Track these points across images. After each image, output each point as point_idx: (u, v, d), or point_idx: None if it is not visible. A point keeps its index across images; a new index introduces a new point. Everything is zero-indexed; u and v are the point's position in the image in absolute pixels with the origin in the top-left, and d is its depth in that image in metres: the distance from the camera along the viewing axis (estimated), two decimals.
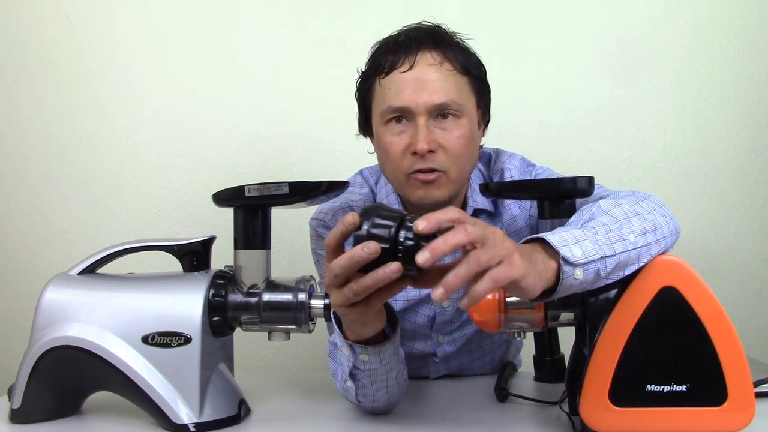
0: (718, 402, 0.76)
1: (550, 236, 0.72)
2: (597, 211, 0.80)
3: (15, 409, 0.91)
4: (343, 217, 0.67)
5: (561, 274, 0.71)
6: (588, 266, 0.72)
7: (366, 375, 0.86)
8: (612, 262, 0.74)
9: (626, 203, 0.82)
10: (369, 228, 0.65)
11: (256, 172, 1.65)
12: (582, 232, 0.74)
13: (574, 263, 0.71)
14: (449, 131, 0.97)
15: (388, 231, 0.65)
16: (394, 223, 0.66)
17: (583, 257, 0.72)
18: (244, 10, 1.67)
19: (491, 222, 1.09)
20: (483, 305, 0.81)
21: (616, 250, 0.74)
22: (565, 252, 0.71)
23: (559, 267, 0.71)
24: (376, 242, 0.64)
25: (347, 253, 0.65)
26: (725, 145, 1.65)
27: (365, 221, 0.66)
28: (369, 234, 0.65)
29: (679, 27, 1.65)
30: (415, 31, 1.01)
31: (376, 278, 0.65)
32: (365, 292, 0.67)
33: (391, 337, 0.83)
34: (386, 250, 0.64)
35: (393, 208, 0.70)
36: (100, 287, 0.92)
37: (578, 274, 0.71)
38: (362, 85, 1.05)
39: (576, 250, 0.71)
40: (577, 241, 0.72)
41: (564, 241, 0.72)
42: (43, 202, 1.67)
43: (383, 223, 0.65)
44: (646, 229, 0.78)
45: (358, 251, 0.64)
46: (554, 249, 0.71)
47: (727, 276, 1.66)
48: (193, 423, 0.86)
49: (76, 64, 1.67)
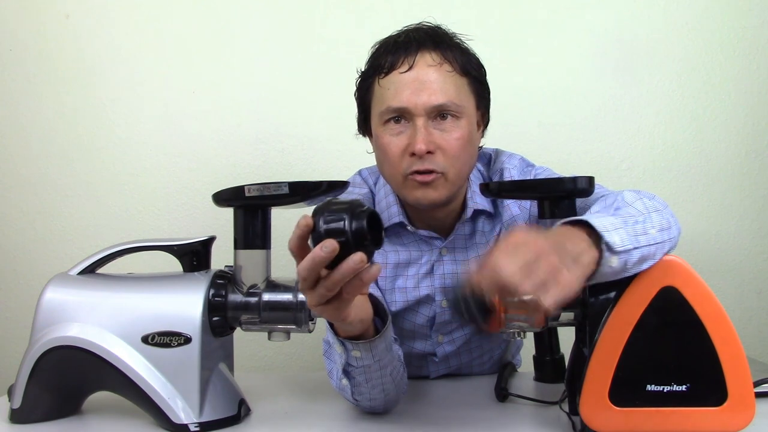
0: (718, 402, 0.77)
1: (594, 221, 0.72)
2: (621, 201, 0.80)
3: (15, 409, 0.91)
4: (299, 203, 0.68)
5: (601, 260, 0.70)
6: (622, 255, 0.72)
7: (360, 372, 0.86)
8: (637, 255, 0.74)
9: (645, 198, 0.82)
10: (323, 225, 0.66)
11: (256, 172, 1.65)
12: (616, 219, 0.74)
13: (614, 250, 0.71)
14: (448, 132, 0.97)
15: (342, 224, 0.66)
16: (345, 214, 0.66)
17: (621, 246, 0.71)
18: (244, 10, 1.67)
19: (491, 222, 1.10)
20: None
21: (641, 243, 0.74)
22: (608, 238, 0.71)
23: (601, 253, 0.70)
24: (333, 239, 0.65)
25: (309, 256, 0.66)
26: (725, 145, 1.65)
27: (319, 220, 0.66)
28: (325, 231, 0.66)
29: (679, 27, 1.65)
30: (415, 31, 1.01)
31: (342, 272, 0.66)
32: (336, 287, 0.67)
33: (382, 332, 0.83)
34: (344, 242, 0.65)
35: (343, 199, 0.70)
36: (100, 287, 0.92)
37: (614, 261, 0.71)
38: (361, 85, 1.05)
39: (615, 237, 0.71)
40: (615, 228, 0.72)
41: (605, 227, 0.71)
42: (43, 202, 1.67)
43: (335, 217, 0.66)
44: (663, 226, 0.79)
45: (318, 252, 0.65)
46: (598, 233, 0.70)
47: (727, 276, 1.66)
48: (193, 423, 0.86)
49: (76, 64, 1.67)
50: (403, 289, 1.10)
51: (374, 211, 0.68)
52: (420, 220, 1.09)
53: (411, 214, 1.09)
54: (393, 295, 1.10)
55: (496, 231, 1.09)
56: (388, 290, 1.10)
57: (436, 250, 1.09)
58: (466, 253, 1.09)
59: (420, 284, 1.09)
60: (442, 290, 1.09)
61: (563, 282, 0.64)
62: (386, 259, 1.10)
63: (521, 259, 0.63)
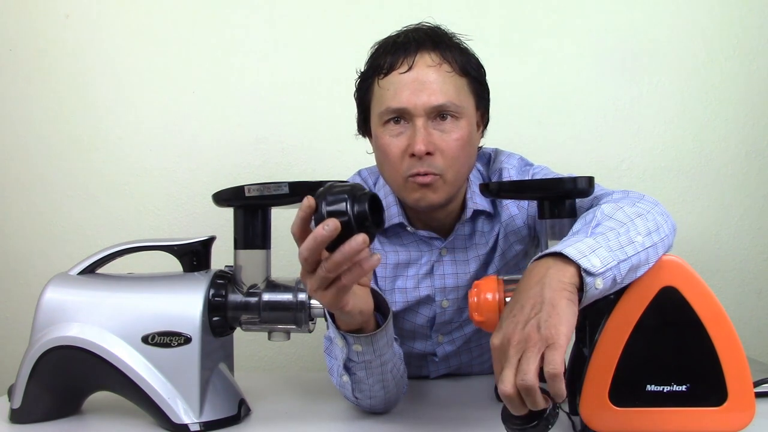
0: (718, 402, 0.76)
1: (567, 249, 0.72)
2: (601, 216, 0.79)
3: (15, 409, 0.91)
4: (300, 203, 0.68)
5: (584, 287, 0.70)
6: (606, 274, 0.72)
7: (361, 367, 0.86)
8: (626, 266, 0.74)
9: (626, 205, 0.82)
10: (325, 207, 0.67)
11: (256, 172, 1.65)
12: (594, 240, 0.74)
13: (594, 273, 0.71)
14: (447, 133, 0.97)
15: (343, 205, 0.66)
16: (347, 195, 0.67)
17: (602, 266, 0.71)
18: (244, 10, 1.67)
19: (490, 222, 1.10)
20: (483, 305, 0.81)
21: (628, 253, 0.74)
22: (585, 264, 0.71)
23: (582, 280, 0.71)
24: (335, 219, 0.66)
25: (310, 236, 0.66)
26: (725, 145, 1.65)
27: (321, 202, 0.67)
28: (327, 213, 0.66)
29: (679, 27, 1.65)
30: (414, 32, 1.01)
31: (344, 252, 0.66)
32: (337, 269, 0.67)
33: (384, 326, 0.83)
34: (346, 223, 0.66)
35: (345, 183, 0.71)
36: (100, 287, 0.92)
37: (599, 283, 0.71)
38: (361, 86, 1.05)
39: (594, 260, 0.71)
40: (593, 251, 0.72)
41: (581, 252, 0.72)
42: (43, 202, 1.67)
43: (337, 198, 0.67)
44: (650, 229, 0.78)
45: (320, 230, 0.65)
46: (574, 262, 0.71)
47: (727, 276, 1.65)
48: (193, 423, 0.86)
49: (76, 64, 1.67)
50: (403, 290, 1.10)
51: (375, 195, 0.69)
52: (420, 221, 1.09)
53: (410, 214, 1.09)
54: (393, 295, 1.10)
55: (495, 231, 1.09)
56: (388, 291, 1.10)
57: (435, 251, 1.09)
58: (466, 253, 1.09)
59: (420, 284, 1.09)
60: (441, 291, 1.09)
61: (554, 342, 0.65)
62: (386, 260, 1.10)
63: (512, 365, 0.66)
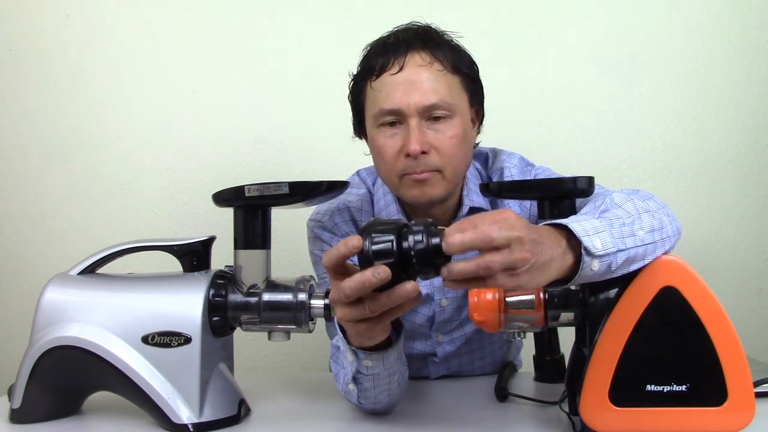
0: (718, 402, 0.76)
1: (573, 224, 0.72)
2: (611, 203, 0.80)
3: (15, 409, 0.91)
4: (345, 240, 0.67)
5: (581, 264, 0.71)
6: (604, 258, 0.72)
7: (369, 379, 0.86)
8: (623, 257, 0.74)
9: (636, 198, 0.82)
10: (370, 246, 0.65)
11: (256, 172, 1.65)
12: (600, 222, 0.74)
13: (594, 254, 0.71)
14: (442, 132, 0.97)
15: (390, 245, 0.65)
16: (392, 235, 0.66)
17: (602, 249, 0.71)
18: (244, 11, 1.67)
19: None
20: (483, 305, 0.81)
21: (627, 245, 0.74)
22: (587, 242, 0.71)
23: (579, 256, 0.71)
24: (384, 263, 0.65)
25: (358, 277, 0.65)
26: (725, 145, 1.65)
27: (365, 240, 0.66)
28: (373, 253, 0.65)
29: (679, 27, 1.65)
30: (404, 32, 1.01)
31: (392, 298, 0.67)
32: (381, 310, 0.68)
33: (395, 343, 0.83)
34: (393, 264, 0.65)
35: (389, 219, 0.70)
36: (100, 287, 0.92)
37: (595, 265, 0.71)
38: (354, 88, 1.05)
39: (596, 241, 0.71)
40: (597, 232, 0.72)
41: (586, 231, 0.72)
42: (43, 202, 1.68)
43: (382, 238, 0.66)
44: (654, 226, 0.78)
45: (369, 277, 0.65)
46: (577, 238, 0.71)
47: (727, 276, 1.66)
48: (193, 423, 0.86)
49: (76, 64, 1.67)
50: None
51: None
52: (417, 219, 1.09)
53: (409, 212, 1.09)
54: None
55: None
56: None
57: None
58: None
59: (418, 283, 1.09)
60: (440, 289, 1.09)
61: (522, 280, 0.65)
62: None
63: (506, 233, 0.64)
